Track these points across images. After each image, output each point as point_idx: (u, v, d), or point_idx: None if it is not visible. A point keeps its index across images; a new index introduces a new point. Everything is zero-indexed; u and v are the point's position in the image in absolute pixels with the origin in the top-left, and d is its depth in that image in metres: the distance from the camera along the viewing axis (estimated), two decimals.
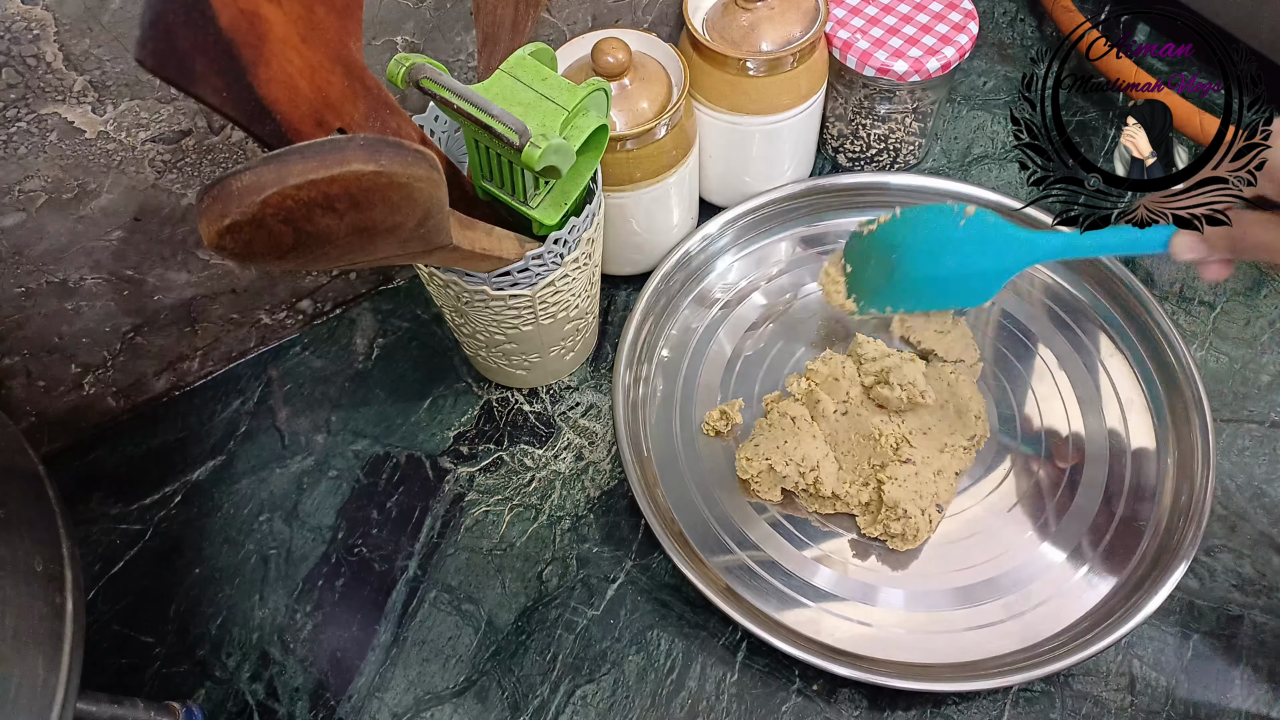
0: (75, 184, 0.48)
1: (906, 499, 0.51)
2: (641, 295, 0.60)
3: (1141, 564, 0.51)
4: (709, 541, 0.54)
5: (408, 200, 0.33)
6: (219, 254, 0.30)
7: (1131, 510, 0.53)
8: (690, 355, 0.61)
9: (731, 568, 0.53)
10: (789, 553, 0.53)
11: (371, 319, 0.65)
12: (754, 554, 0.53)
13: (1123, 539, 0.52)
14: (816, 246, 0.65)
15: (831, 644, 0.49)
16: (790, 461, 0.53)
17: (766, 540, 0.54)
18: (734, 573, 0.52)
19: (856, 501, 0.53)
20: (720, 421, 0.57)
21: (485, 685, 0.51)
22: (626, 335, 0.59)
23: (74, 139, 0.46)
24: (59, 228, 0.49)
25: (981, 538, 0.53)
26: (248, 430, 0.60)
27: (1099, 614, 0.50)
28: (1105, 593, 0.51)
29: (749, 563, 0.53)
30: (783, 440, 0.54)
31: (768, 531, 0.54)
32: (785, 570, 0.52)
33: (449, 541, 0.55)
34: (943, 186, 0.64)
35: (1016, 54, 0.76)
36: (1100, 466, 0.55)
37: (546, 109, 0.42)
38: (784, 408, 0.56)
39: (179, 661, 0.52)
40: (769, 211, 0.65)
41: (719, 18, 0.58)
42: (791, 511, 0.55)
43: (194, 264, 0.56)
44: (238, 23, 0.30)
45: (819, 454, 0.54)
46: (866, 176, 0.65)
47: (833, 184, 0.65)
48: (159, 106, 0.47)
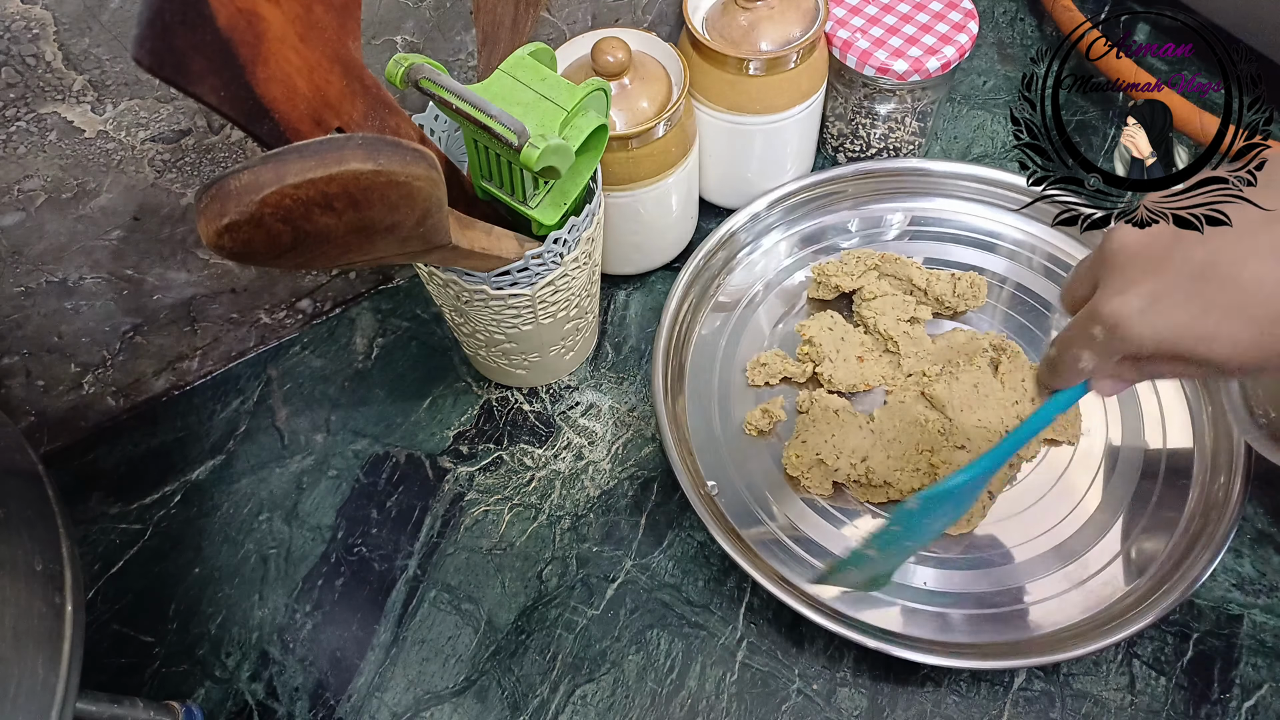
0: (75, 183, 0.48)
1: None
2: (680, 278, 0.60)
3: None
4: (744, 517, 0.54)
5: (406, 199, 0.33)
6: (218, 253, 0.30)
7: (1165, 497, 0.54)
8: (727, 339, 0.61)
9: (765, 541, 0.53)
10: (828, 532, 0.54)
11: (371, 318, 0.65)
12: (791, 532, 0.54)
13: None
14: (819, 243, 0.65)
15: (860, 619, 0.50)
16: (840, 454, 0.54)
17: (803, 518, 0.54)
18: (768, 546, 0.53)
19: (909, 488, 0.53)
20: (763, 420, 0.57)
21: (485, 685, 0.51)
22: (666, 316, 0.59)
23: (73, 138, 0.46)
24: (58, 227, 0.49)
25: (1026, 516, 0.54)
26: (247, 430, 0.60)
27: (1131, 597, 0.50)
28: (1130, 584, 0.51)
29: (783, 538, 0.53)
30: (830, 434, 0.55)
31: (808, 513, 0.54)
32: (819, 545, 0.53)
33: (449, 541, 0.55)
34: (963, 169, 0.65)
35: (1016, 54, 0.76)
36: (1135, 458, 0.55)
37: (546, 109, 0.42)
38: (823, 401, 0.56)
39: (179, 661, 0.52)
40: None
41: (719, 17, 0.58)
42: (842, 504, 0.55)
43: (193, 263, 0.56)
44: (235, 22, 0.30)
45: (868, 444, 0.54)
46: (905, 162, 0.65)
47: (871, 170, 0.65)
48: (158, 106, 0.47)
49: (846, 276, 0.60)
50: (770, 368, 0.58)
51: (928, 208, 0.66)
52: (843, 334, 0.59)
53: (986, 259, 0.63)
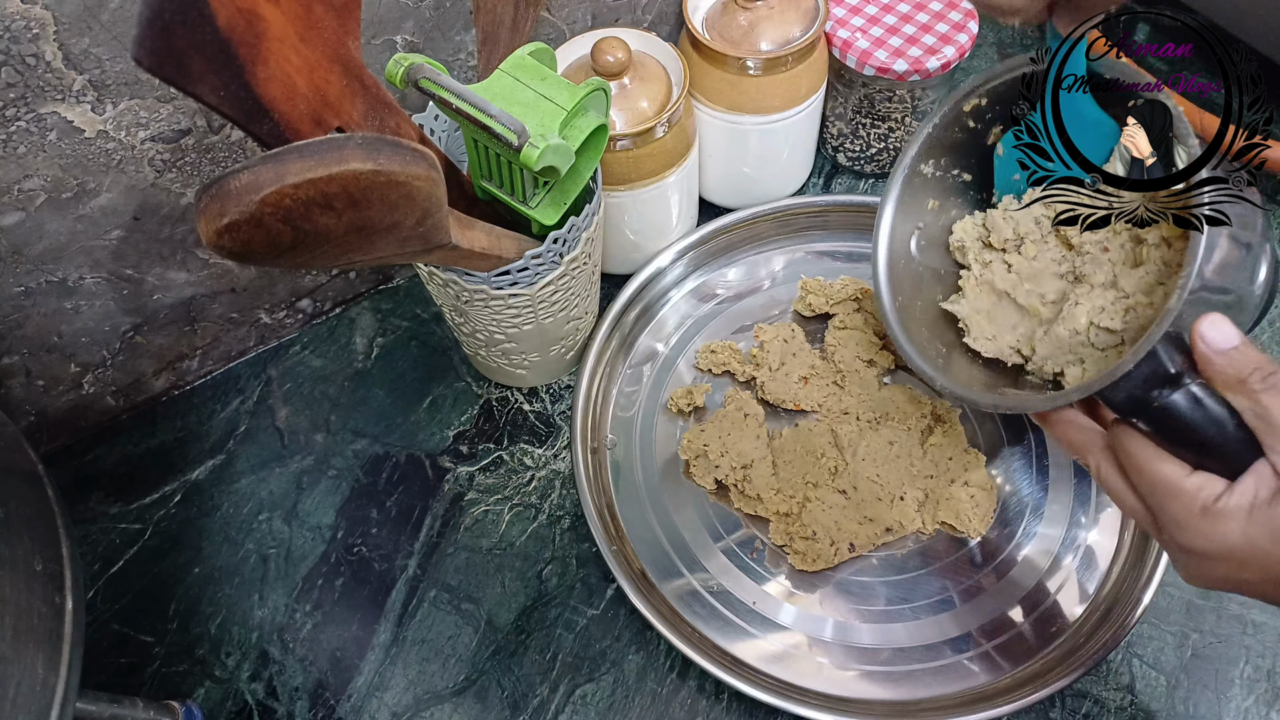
0: (75, 183, 0.48)
1: (823, 526, 0.52)
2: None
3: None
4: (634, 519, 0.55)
5: (406, 199, 0.33)
6: (218, 253, 0.30)
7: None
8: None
9: (647, 539, 0.54)
10: (704, 541, 0.54)
11: (371, 318, 0.65)
12: (670, 531, 0.54)
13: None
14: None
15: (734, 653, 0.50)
16: (726, 453, 0.54)
17: (689, 525, 0.54)
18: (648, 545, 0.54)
19: (780, 510, 0.53)
20: (683, 400, 0.58)
21: (485, 685, 0.51)
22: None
23: (73, 138, 0.46)
24: (58, 227, 0.49)
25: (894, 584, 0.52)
26: (247, 430, 0.60)
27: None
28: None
29: (662, 540, 0.54)
30: (727, 432, 0.55)
31: (693, 517, 0.55)
32: (692, 552, 0.54)
33: (449, 541, 0.55)
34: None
35: (1016, 54, 0.76)
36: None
37: (545, 109, 0.42)
38: (742, 402, 0.56)
39: (178, 661, 0.52)
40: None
41: (719, 17, 0.58)
42: (723, 504, 0.55)
43: (193, 263, 0.56)
44: (235, 21, 0.30)
45: (757, 454, 0.54)
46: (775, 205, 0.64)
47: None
48: (158, 106, 0.47)
49: (824, 298, 0.60)
50: (718, 356, 0.59)
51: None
52: (795, 350, 0.59)
53: None
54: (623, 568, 0.50)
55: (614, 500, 0.55)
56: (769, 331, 0.60)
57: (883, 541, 0.53)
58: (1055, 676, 0.46)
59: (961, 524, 0.53)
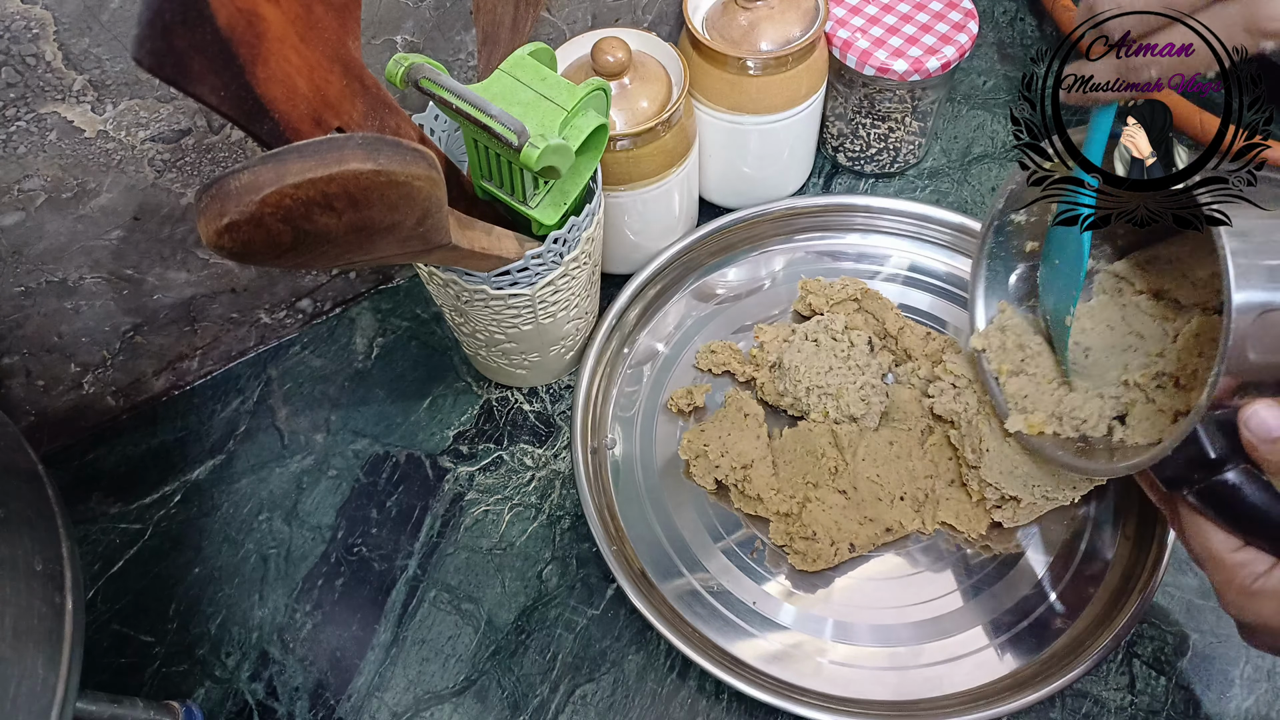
0: (75, 183, 0.48)
1: (823, 526, 0.52)
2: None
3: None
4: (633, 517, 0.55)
5: (406, 199, 0.33)
6: (218, 253, 0.30)
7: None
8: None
9: (646, 539, 0.54)
10: (704, 541, 0.54)
11: (371, 318, 0.65)
12: (670, 532, 0.54)
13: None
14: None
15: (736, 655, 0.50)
16: (726, 453, 0.54)
17: (689, 525, 0.54)
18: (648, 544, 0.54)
19: (775, 510, 0.53)
20: (684, 400, 0.58)
21: (485, 685, 0.51)
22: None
23: (73, 138, 0.46)
24: (58, 227, 0.49)
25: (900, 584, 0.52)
26: (247, 429, 0.60)
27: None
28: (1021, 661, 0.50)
29: (662, 540, 0.54)
30: (727, 432, 0.55)
31: (693, 517, 0.55)
32: (694, 554, 0.53)
33: (449, 541, 0.55)
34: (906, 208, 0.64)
35: (1016, 53, 0.76)
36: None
37: (545, 109, 0.42)
38: (742, 402, 0.56)
39: (178, 661, 0.52)
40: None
41: (719, 17, 0.58)
42: (723, 504, 0.55)
43: (193, 263, 0.56)
44: (235, 21, 0.30)
45: (757, 454, 0.54)
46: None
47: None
48: (158, 106, 0.47)
49: (824, 298, 0.60)
50: (718, 356, 0.59)
51: (933, 257, 0.64)
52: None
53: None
54: (623, 568, 0.50)
55: (614, 500, 0.55)
56: (769, 331, 0.60)
57: (883, 542, 0.53)
58: (1055, 676, 0.46)
59: (961, 524, 0.53)
